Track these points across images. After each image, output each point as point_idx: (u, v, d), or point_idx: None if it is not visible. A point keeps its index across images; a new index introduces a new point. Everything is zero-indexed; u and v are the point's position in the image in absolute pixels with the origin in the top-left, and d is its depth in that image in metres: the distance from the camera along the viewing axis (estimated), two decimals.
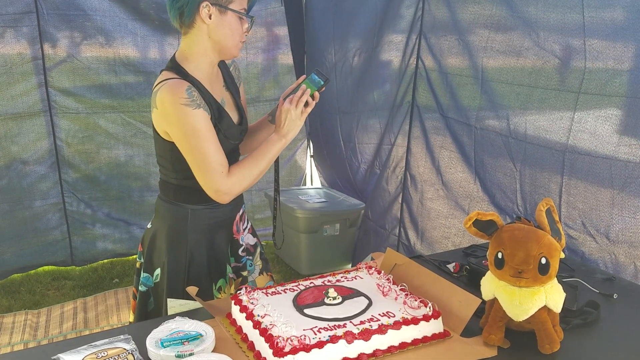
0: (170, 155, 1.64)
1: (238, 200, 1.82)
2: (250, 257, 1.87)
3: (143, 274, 1.79)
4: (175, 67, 1.62)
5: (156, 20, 3.53)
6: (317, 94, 1.67)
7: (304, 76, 1.69)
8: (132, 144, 3.74)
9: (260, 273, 1.90)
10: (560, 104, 2.15)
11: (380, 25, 3.16)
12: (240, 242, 1.84)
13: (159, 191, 1.78)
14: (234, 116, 1.74)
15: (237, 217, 1.83)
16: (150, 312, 1.79)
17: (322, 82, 1.66)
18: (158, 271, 1.75)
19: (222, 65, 1.80)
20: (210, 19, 1.58)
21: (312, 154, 4.36)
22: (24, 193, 3.55)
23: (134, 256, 2.71)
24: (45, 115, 3.50)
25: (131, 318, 1.88)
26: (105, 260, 3.92)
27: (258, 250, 1.92)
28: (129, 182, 3.81)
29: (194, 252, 1.73)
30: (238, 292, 1.41)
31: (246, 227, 1.89)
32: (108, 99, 3.60)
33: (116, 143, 3.71)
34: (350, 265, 3.79)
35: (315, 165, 4.38)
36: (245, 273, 1.84)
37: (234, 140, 1.72)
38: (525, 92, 2.30)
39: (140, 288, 1.79)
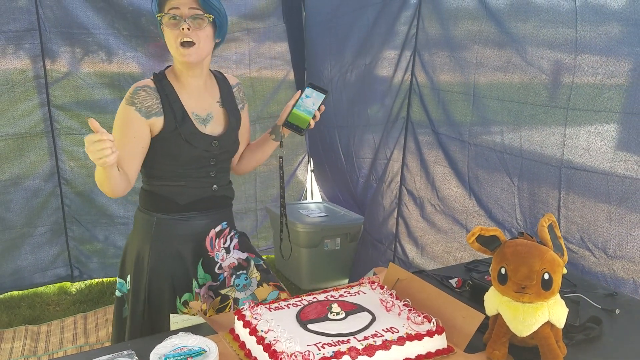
0: None
1: (214, 216, 1.81)
2: (244, 272, 1.84)
3: (118, 280, 1.85)
4: (160, 72, 1.74)
5: (158, 37, 3.55)
6: (322, 107, 1.69)
7: (300, 92, 1.69)
8: None
9: (260, 285, 1.83)
10: (551, 120, 2.16)
11: (376, 41, 3.19)
12: (216, 260, 1.81)
13: None
14: (217, 129, 1.76)
15: (212, 233, 1.81)
16: (125, 318, 1.81)
17: (324, 95, 1.66)
18: (129, 278, 1.79)
19: (223, 83, 1.83)
20: (163, 32, 1.69)
21: (312, 168, 4.38)
22: (25, 213, 3.55)
23: None
24: (48, 136, 3.50)
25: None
26: (106, 279, 3.91)
27: (252, 263, 1.87)
28: (130, 201, 3.80)
29: (157, 262, 1.75)
30: (241, 307, 1.41)
31: (229, 244, 1.86)
32: (111, 119, 3.60)
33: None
34: (347, 280, 3.77)
35: (316, 180, 4.39)
36: (225, 291, 1.79)
37: (201, 147, 1.71)
38: (516, 108, 2.31)
39: (116, 293, 1.85)
